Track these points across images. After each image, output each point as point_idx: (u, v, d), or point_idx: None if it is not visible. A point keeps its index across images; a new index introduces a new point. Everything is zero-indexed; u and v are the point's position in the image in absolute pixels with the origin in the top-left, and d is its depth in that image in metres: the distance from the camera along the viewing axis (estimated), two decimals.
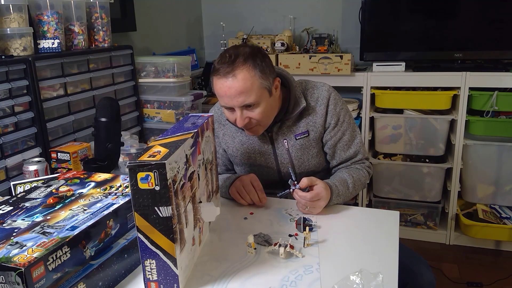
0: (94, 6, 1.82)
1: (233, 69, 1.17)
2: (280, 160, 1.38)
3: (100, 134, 1.29)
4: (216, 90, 1.22)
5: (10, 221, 0.89)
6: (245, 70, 1.17)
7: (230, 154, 1.44)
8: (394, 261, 0.97)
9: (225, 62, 1.18)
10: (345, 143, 1.37)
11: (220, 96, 1.22)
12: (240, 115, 1.22)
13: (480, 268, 2.29)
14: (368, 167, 1.41)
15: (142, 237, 0.82)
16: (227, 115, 1.28)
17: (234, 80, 1.17)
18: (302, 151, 1.37)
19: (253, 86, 1.18)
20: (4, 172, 1.41)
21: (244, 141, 1.40)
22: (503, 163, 2.32)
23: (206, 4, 3.06)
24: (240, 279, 0.92)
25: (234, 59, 1.17)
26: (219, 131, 1.44)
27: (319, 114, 1.34)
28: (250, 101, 1.19)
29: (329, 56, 2.39)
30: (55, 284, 0.76)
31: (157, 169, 0.77)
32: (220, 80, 1.19)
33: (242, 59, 1.18)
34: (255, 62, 1.19)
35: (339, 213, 1.24)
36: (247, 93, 1.18)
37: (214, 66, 1.21)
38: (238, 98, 1.19)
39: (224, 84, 1.18)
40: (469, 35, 2.34)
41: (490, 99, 2.22)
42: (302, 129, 1.35)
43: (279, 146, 1.37)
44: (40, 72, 1.52)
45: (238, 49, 1.21)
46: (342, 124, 1.36)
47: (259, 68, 1.19)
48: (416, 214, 2.59)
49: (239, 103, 1.20)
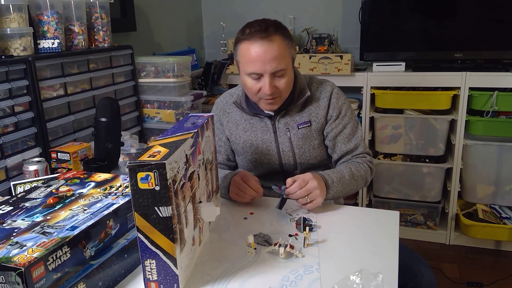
0: (94, 6, 1.82)
1: (268, 35, 1.22)
2: (281, 148, 1.40)
3: (100, 134, 1.29)
4: (248, 56, 1.24)
5: (10, 221, 0.89)
6: (279, 37, 1.24)
7: (232, 141, 1.46)
8: (394, 261, 0.97)
9: (258, 30, 1.22)
10: (346, 136, 1.39)
11: (251, 61, 1.24)
12: (269, 81, 1.25)
13: (480, 268, 2.29)
14: (370, 161, 1.40)
15: (142, 237, 0.82)
16: (250, 85, 1.28)
17: (270, 45, 1.22)
18: (304, 141, 1.39)
19: (285, 53, 1.25)
20: (4, 172, 1.41)
21: (247, 128, 1.42)
22: (503, 163, 2.32)
23: (206, 4, 3.06)
24: (240, 279, 0.92)
25: (267, 28, 1.23)
26: (224, 118, 1.46)
27: (321, 106, 1.38)
28: (282, 66, 1.24)
29: (329, 56, 2.39)
30: (55, 284, 0.76)
31: (157, 169, 0.77)
32: (254, 44, 1.22)
33: (274, 28, 1.24)
34: (284, 32, 1.27)
35: (339, 213, 1.24)
36: (280, 59, 1.23)
37: (243, 34, 1.25)
38: (272, 63, 1.23)
39: (260, 49, 1.22)
40: (469, 35, 2.34)
41: (490, 99, 2.22)
42: (304, 119, 1.38)
43: (281, 134, 1.39)
44: (40, 72, 1.52)
45: (266, 20, 1.26)
46: (344, 118, 1.39)
47: (288, 38, 1.27)
48: (416, 214, 2.59)
49: (272, 68, 1.23)
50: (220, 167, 1.49)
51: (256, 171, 1.45)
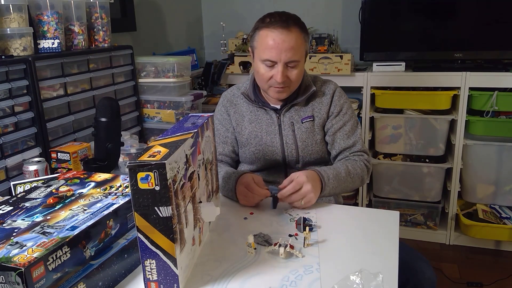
0: (94, 6, 1.82)
1: (288, 25, 1.27)
2: (285, 140, 1.43)
3: (100, 134, 1.29)
4: (266, 43, 1.29)
5: (10, 221, 0.89)
6: (297, 29, 1.29)
7: (238, 132, 1.47)
8: (394, 261, 0.97)
9: (278, 19, 1.28)
10: (345, 133, 1.43)
11: (268, 48, 1.28)
12: (282, 70, 1.29)
13: (480, 268, 2.29)
14: (366, 160, 1.42)
15: (142, 237, 0.82)
16: (262, 71, 1.32)
17: (289, 35, 1.27)
18: (307, 135, 1.42)
19: (301, 45, 1.30)
20: (4, 172, 1.41)
21: (252, 120, 1.45)
22: (503, 163, 2.32)
23: (206, 4, 3.06)
24: (240, 279, 0.92)
25: (287, 19, 1.28)
26: (231, 109, 1.49)
27: (324, 102, 1.43)
28: (296, 58, 1.29)
29: (329, 56, 2.39)
30: (55, 284, 0.76)
31: (157, 169, 0.77)
32: (274, 32, 1.27)
33: (293, 21, 1.29)
34: (302, 26, 1.32)
35: (339, 213, 1.23)
36: (295, 50, 1.28)
37: (263, 22, 1.30)
38: (288, 53, 1.27)
39: (278, 37, 1.26)
40: (469, 35, 2.35)
41: (490, 99, 2.22)
42: (308, 114, 1.43)
43: (285, 127, 1.42)
44: (40, 72, 1.52)
45: (286, 13, 1.32)
46: (345, 115, 1.43)
47: (305, 32, 1.33)
48: (416, 214, 2.59)
49: (287, 58, 1.28)
50: (224, 159, 1.49)
51: (259, 163, 1.46)
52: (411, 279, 1.22)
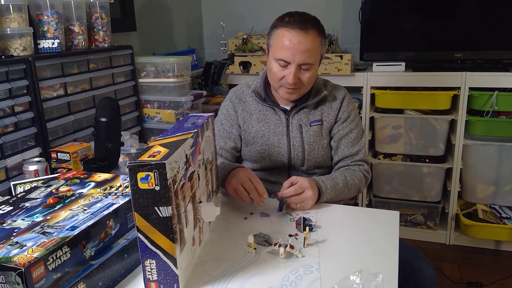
0: (94, 6, 1.82)
1: (306, 27, 1.26)
2: (292, 142, 1.42)
3: (100, 134, 1.29)
4: (282, 42, 1.27)
5: (10, 221, 0.89)
6: (315, 32, 1.28)
7: (244, 130, 1.46)
8: (394, 261, 0.97)
9: (297, 20, 1.26)
10: (351, 140, 1.43)
11: (284, 48, 1.26)
12: (294, 71, 1.28)
13: (480, 268, 2.29)
14: (366, 170, 1.42)
15: (142, 237, 0.82)
16: (275, 70, 1.32)
17: (306, 37, 1.25)
18: (314, 138, 1.42)
19: (317, 48, 1.29)
20: (4, 172, 1.41)
21: (260, 119, 1.45)
22: (503, 163, 2.32)
23: (206, 4, 3.06)
24: (240, 279, 0.92)
25: (306, 20, 1.27)
26: (238, 106, 1.48)
27: (334, 107, 1.44)
28: (310, 61, 1.28)
29: (329, 56, 2.39)
30: (55, 284, 0.76)
31: (157, 169, 0.77)
32: (291, 32, 1.26)
33: (312, 23, 1.28)
34: (321, 29, 1.31)
35: (339, 213, 1.24)
36: (311, 53, 1.27)
37: (282, 21, 1.29)
38: (302, 55, 1.26)
39: (295, 38, 1.25)
40: (469, 35, 2.34)
41: (490, 99, 2.22)
42: (317, 117, 1.43)
43: (293, 129, 1.42)
44: (40, 72, 1.52)
45: (306, 14, 1.31)
46: (351, 123, 1.44)
47: (323, 36, 1.31)
48: (416, 214, 2.59)
49: (301, 60, 1.27)
50: (223, 154, 1.46)
51: (263, 162, 1.45)
52: (411, 278, 1.22)
